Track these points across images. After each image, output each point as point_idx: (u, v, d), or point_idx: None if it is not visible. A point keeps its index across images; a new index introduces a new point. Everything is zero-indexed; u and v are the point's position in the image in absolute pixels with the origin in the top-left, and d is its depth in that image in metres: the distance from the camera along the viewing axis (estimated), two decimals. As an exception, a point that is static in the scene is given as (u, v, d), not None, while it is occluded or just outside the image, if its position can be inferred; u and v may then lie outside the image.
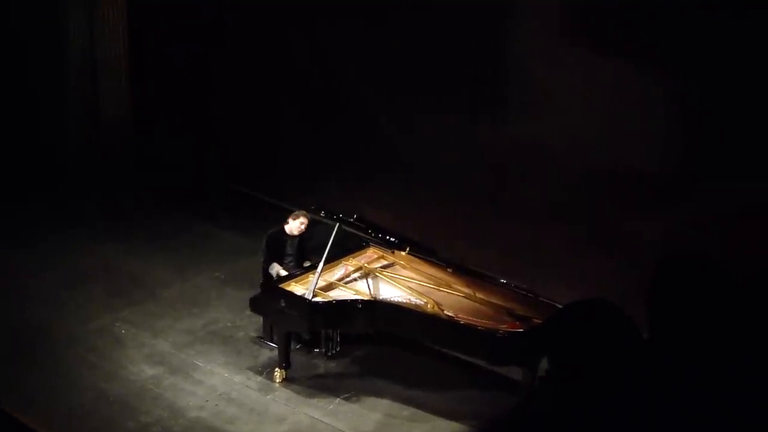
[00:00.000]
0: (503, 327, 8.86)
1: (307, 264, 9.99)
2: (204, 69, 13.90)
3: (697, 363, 3.49)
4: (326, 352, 9.90)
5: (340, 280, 9.70)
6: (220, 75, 13.77)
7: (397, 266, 9.99)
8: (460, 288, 9.49)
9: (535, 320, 8.83)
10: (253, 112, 13.51)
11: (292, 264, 10.07)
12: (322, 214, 10.07)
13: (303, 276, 9.65)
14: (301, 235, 10.12)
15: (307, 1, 12.46)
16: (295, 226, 10.03)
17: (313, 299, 9.22)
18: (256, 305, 9.78)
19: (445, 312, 9.07)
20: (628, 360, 3.41)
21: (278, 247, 10.07)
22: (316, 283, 9.27)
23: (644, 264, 4.10)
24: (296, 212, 10.11)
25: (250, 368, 9.78)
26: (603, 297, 3.63)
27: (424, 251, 9.99)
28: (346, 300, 9.33)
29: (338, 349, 9.92)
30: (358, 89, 12.25)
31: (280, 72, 12.99)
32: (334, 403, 9.29)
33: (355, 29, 12.06)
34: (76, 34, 13.80)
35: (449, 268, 9.73)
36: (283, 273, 9.81)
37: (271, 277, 9.88)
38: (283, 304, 9.35)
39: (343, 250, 9.94)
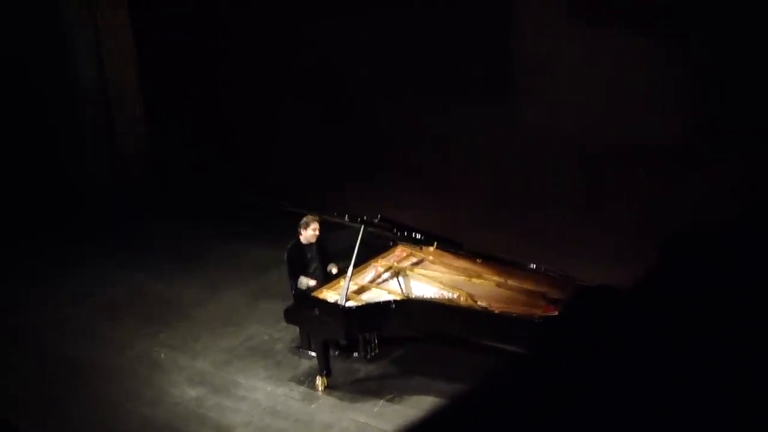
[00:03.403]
0: (539, 312, 8.83)
1: (334, 270, 9.97)
2: (215, 87, 13.96)
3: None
4: (365, 355, 9.92)
5: (371, 281, 9.70)
6: (233, 92, 13.83)
7: (427, 262, 9.97)
8: (491, 277, 9.46)
9: (570, 302, 8.77)
10: (268, 125, 13.56)
11: (318, 270, 10.06)
12: (346, 218, 10.03)
13: (334, 282, 9.65)
14: (318, 240, 10.12)
15: (310, 12, 12.47)
16: (310, 234, 10.00)
17: (347, 304, 9.22)
18: (290, 316, 9.78)
19: (479, 303, 9.05)
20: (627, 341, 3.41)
21: (301, 259, 10.03)
22: (348, 288, 9.28)
23: (667, 235, 4.08)
24: (305, 220, 10.04)
25: (292, 379, 9.81)
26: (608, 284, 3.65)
27: (452, 245, 9.97)
28: (380, 301, 9.32)
29: (377, 351, 9.94)
30: (368, 91, 12.27)
31: (292, 83, 13.05)
32: (379, 406, 9.29)
33: (362, 28, 12.05)
34: (85, 64, 13.89)
35: (478, 258, 9.71)
36: (312, 283, 9.79)
37: (303, 290, 9.87)
38: (317, 313, 9.35)
39: (371, 252, 9.94)
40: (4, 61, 14.28)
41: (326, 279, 9.81)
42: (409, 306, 9.22)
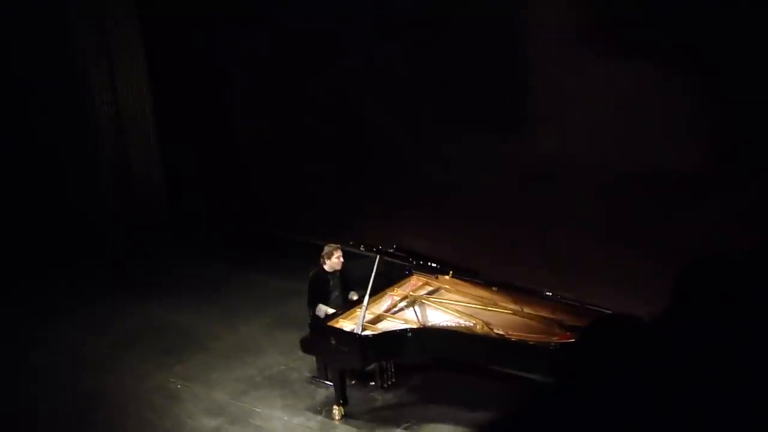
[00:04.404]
0: (555, 339, 8.85)
1: (354, 297, 10.03)
2: (228, 117, 14.06)
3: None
4: (382, 384, 9.93)
5: (387, 311, 9.74)
6: (245, 121, 13.93)
7: (443, 291, 10.02)
8: (507, 305, 9.49)
9: (586, 329, 8.79)
10: (280, 155, 13.62)
11: (338, 299, 10.10)
12: (362, 248, 10.06)
13: (350, 311, 9.69)
14: (341, 269, 10.17)
15: (322, 41, 12.56)
16: (335, 262, 10.05)
17: (363, 333, 9.25)
18: (307, 346, 9.83)
19: (495, 331, 9.06)
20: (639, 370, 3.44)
21: (322, 287, 10.08)
22: (364, 317, 9.31)
23: (683, 263, 4.10)
24: (329, 249, 10.08)
25: (309, 409, 9.81)
26: (626, 313, 3.68)
27: (467, 273, 9.99)
28: (396, 330, 9.35)
29: (394, 380, 9.95)
30: (380, 120, 12.32)
31: (304, 111, 13.11)
32: (396, 434, 9.31)
33: (374, 57, 12.12)
34: (100, 98, 13.98)
35: (494, 286, 9.73)
36: (331, 311, 9.84)
37: (320, 317, 9.92)
38: (333, 342, 9.38)
39: (387, 281, 9.98)
40: (18, 93, 14.42)
41: (346, 307, 9.84)
42: (425, 334, 9.25)
